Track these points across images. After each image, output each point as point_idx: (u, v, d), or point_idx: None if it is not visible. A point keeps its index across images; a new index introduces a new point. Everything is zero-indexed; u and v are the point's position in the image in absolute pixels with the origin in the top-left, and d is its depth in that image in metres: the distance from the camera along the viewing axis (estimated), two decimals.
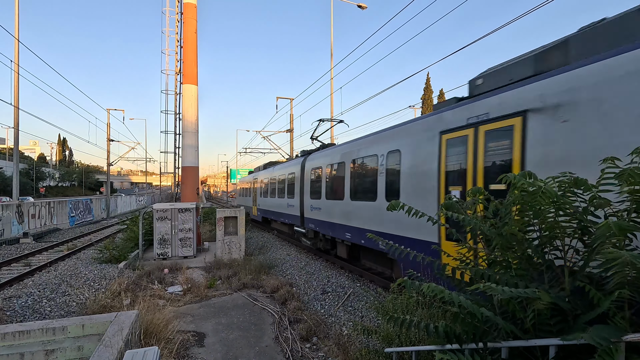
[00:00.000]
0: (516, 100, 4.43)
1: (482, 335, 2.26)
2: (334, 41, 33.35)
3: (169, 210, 11.55)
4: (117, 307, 6.25)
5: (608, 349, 1.59)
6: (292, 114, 26.49)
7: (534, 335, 2.14)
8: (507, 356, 2.25)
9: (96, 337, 3.92)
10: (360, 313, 6.43)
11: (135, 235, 13.02)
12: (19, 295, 7.49)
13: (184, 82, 17.15)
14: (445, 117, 5.64)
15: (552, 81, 4.06)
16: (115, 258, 10.95)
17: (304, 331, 5.62)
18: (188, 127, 16.99)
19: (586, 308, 2.03)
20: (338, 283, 8.33)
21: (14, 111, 17.56)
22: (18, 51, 17.46)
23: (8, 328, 3.85)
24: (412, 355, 3.33)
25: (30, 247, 14.70)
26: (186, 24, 17.27)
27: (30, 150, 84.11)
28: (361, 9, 18.74)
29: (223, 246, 11.43)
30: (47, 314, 6.67)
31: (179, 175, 20.12)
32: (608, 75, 3.42)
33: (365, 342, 4.82)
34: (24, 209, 17.98)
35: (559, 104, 3.88)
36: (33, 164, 60.57)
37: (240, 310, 6.79)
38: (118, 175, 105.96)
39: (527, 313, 2.09)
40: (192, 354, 4.99)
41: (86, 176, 75.79)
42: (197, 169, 17.63)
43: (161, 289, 8.03)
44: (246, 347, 5.23)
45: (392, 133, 7.21)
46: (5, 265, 10.99)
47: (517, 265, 2.41)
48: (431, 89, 50.48)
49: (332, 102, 19.57)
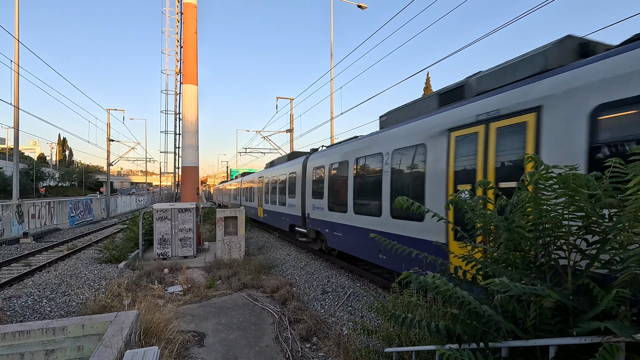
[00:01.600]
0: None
1: (482, 336, 2.25)
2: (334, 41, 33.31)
3: (169, 210, 11.55)
4: (117, 307, 6.25)
5: (610, 348, 1.59)
6: (292, 114, 26.49)
7: (534, 335, 2.14)
8: (508, 355, 2.25)
9: (96, 337, 3.92)
10: (360, 313, 6.43)
11: (135, 235, 13.02)
12: (19, 295, 7.49)
13: (183, 82, 17.15)
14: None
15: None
16: (115, 258, 10.95)
17: (304, 331, 5.62)
18: (188, 127, 16.98)
19: (588, 307, 2.03)
20: (338, 283, 8.33)
21: (14, 111, 17.55)
22: (18, 51, 17.45)
23: (8, 328, 3.84)
24: (412, 355, 3.33)
25: (30, 247, 14.70)
26: (186, 24, 17.26)
27: (30, 150, 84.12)
28: (361, 9, 18.74)
29: (223, 246, 11.43)
30: (47, 314, 6.67)
31: (179, 175, 20.12)
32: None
33: (366, 342, 4.82)
34: (24, 209, 17.98)
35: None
36: (33, 164, 60.57)
37: (240, 310, 6.79)
38: (118, 175, 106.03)
39: (529, 312, 2.09)
40: (192, 353, 4.99)
41: (86, 176, 75.79)
42: (197, 169, 17.61)
43: (161, 289, 8.03)
44: (246, 347, 5.23)
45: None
46: (5, 265, 10.99)
47: (521, 263, 2.41)
48: (431, 89, 50.55)
49: (332, 102, 19.57)
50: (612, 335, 1.63)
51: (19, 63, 17.41)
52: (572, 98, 3.68)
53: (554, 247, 2.36)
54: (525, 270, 2.37)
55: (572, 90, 3.70)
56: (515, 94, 4.39)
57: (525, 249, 2.48)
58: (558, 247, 2.35)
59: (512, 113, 4.35)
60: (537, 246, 2.38)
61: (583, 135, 3.53)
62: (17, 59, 17.34)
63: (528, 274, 2.35)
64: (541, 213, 2.24)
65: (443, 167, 5.46)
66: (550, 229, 2.31)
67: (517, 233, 2.37)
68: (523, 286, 1.90)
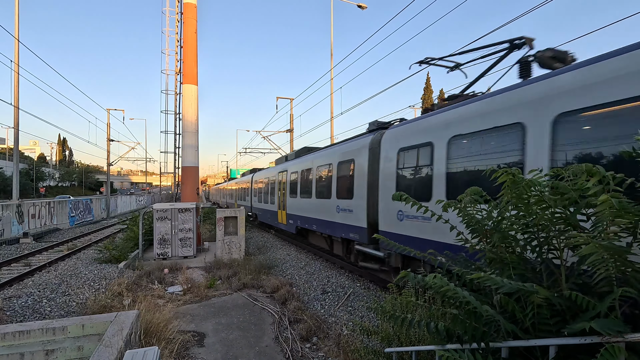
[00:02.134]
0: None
1: (482, 336, 2.26)
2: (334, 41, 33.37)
3: (169, 210, 11.55)
4: (117, 307, 6.25)
5: (611, 348, 1.59)
6: (292, 114, 26.49)
7: (533, 335, 2.14)
8: (507, 355, 2.25)
9: (96, 337, 3.92)
10: (360, 313, 6.43)
11: (135, 235, 13.02)
12: (19, 295, 7.49)
13: (184, 82, 17.15)
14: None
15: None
16: (115, 258, 10.95)
17: (304, 331, 5.62)
18: (188, 127, 16.98)
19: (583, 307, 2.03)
20: (338, 283, 8.33)
21: (14, 111, 17.56)
22: (18, 51, 17.45)
23: (8, 328, 3.84)
24: (412, 355, 3.33)
25: (30, 247, 14.70)
26: (186, 24, 17.26)
27: (30, 150, 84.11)
28: (361, 8, 18.74)
29: (223, 246, 11.43)
30: (47, 314, 6.67)
31: (179, 175, 20.12)
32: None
33: (366, 342, 4.82)
34: (24, 209, 17.98)
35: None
36: (33, 164, 60.59)
37: (240, 310, 6.79)
38: (118, 175, 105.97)
39: (526, 311, 2.09)
40: (192, 353, 4.99)
41: (86, 176, 75.82)
42: (197, 169, 17.62)
43: (161, 289, 8.03)
44: (246, 347, 5.23)
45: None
46: (5, 265, 10.99)
47: (515, 264, 2.42)
48: (431, 89, 50.51)
49: (332, 102, 19.58)
50: (612, 336, 1.63)
51: (19, 63, 17.41)
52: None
53: (548, 247, 2.37)
54: (521, 270, 2.38)
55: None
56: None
57: (517, 249, 2.50)
58: (553, 247, 2.35)
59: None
60: (529, 245, 2.39)
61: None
62: (17, 58, 17.35)
63: (524, 274, 2.35)
64: (530, 215, 2.27)
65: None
66: (541, 229, 2.32)
67: (506, 234, 2.40)
68: (511, 282, 1.91)
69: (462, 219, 2.80)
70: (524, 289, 1.88)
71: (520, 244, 2.48)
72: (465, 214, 2.74)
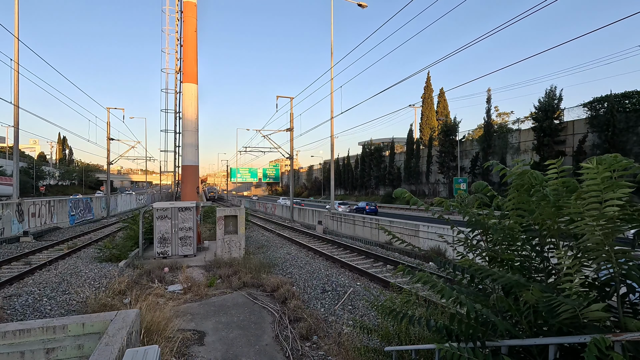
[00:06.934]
0: None
1: (479, 335, 2.26)
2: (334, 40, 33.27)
3: (169, 209, 11.56)
4: (117, 306, 6.26)
5: (596, 341, 1.59)
6: (292, 113, 26.47)
7: (531, 334, 2.14)
8: (507, 352, 2.26)
9: (97, 336, 3.93)
10: (360, 312, 6.44)
11: (135, 234, 13.03)
12: (19, 293, 7.50)
13: (184, 81, 17.14)
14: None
15: None
16: (115, 257, 10.97)
17: (304, 330, 5.62)
18: (188, 125, 16.98)
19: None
20: (338, 282, 8.34)
21: (14, 110, 17.54)
22: (18, 50, 17.43)
23: (8, 327, 3.85)
24: (412, 354, 3.33)
25: (30, 246, 14.71)
26: (186, 23, 17.24)
27: (30, 149, 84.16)
28: (361, 7, 18.71)
29: (223, 245, 11.44)
30: (48, 312, 6.69)
31: (179, 174, 20.12)
32: None
33: (366, 341, 4.83)
34: (24, 208, 17.99)
35: None
36: (33, 162, 60.61)
37: (240, 309, 6.80)
38: (118, 174, 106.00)
39: (522, 309, 2.10)
40: (193, 352, 5.00)
41: (86, 175, 75.86)
42: (197, 168, 17.63)
43: (161, 288, 8.04)
44: (246, 345, 5.24)
45: None
46: (5, 264, 11.01)
47: (516, 263, 2.42)
48: (431, 88, 50.49)
49: (332, 101, 19.57)
50: (612, 334, 1.63)
51: (18, 61, 17.39)
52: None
53: (549, 247, 2.37)
54: (522, 269, 2.38)
55: None
56: None
57: (518, 248, 2.50)
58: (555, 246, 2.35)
59: None
60: (529, 244, 2.39)
61: None
62: (17, 57, 17.32)
63: (525, 273, 2.36)
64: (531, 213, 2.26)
65: None
66: (542, 229, 2.32)
67: (505, 233, 2.39)
68: (502, 274, 1.91)
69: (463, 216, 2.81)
70: (516, 281, 1.87)
71: (529, 243, 2.46)
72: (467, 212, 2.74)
